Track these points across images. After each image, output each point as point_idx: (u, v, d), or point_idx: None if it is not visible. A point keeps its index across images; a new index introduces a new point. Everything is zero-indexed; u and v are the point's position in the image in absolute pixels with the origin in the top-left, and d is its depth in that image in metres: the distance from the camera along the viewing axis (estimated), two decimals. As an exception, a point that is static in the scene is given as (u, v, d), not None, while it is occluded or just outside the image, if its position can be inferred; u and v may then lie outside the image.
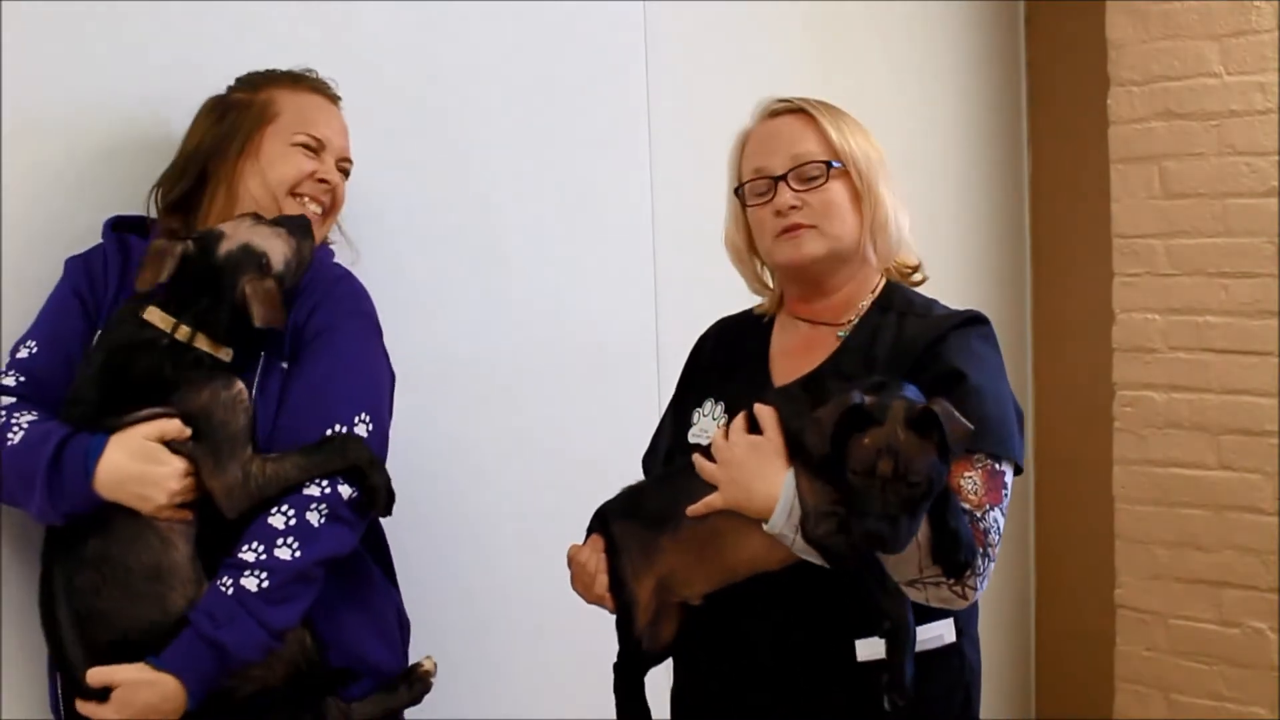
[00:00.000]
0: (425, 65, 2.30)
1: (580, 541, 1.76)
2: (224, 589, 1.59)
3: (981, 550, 1.54)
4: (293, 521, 1.63)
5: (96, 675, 1.57)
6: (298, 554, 1.61)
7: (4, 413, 1.64)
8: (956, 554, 1.51)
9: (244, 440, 1.64)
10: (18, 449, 1.60)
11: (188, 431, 1.62)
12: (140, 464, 1.59)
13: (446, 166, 2.36)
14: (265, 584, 1.59)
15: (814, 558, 1.54)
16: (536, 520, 2.45)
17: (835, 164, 1.72)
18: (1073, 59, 3.59)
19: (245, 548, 1.61)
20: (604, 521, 1.73)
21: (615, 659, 1.72)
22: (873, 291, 1.78)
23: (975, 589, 1.55)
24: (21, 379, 1.67)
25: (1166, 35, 3.18)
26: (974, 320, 1.70)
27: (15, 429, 1.61)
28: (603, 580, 1.69)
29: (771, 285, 1.88)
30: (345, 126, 1.90)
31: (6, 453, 1.60)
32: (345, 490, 1.66)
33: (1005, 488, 1.59)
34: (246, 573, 1.59)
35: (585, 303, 2.59)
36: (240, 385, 1.67)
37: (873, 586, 1.50)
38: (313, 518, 1.64)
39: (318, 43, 2.09)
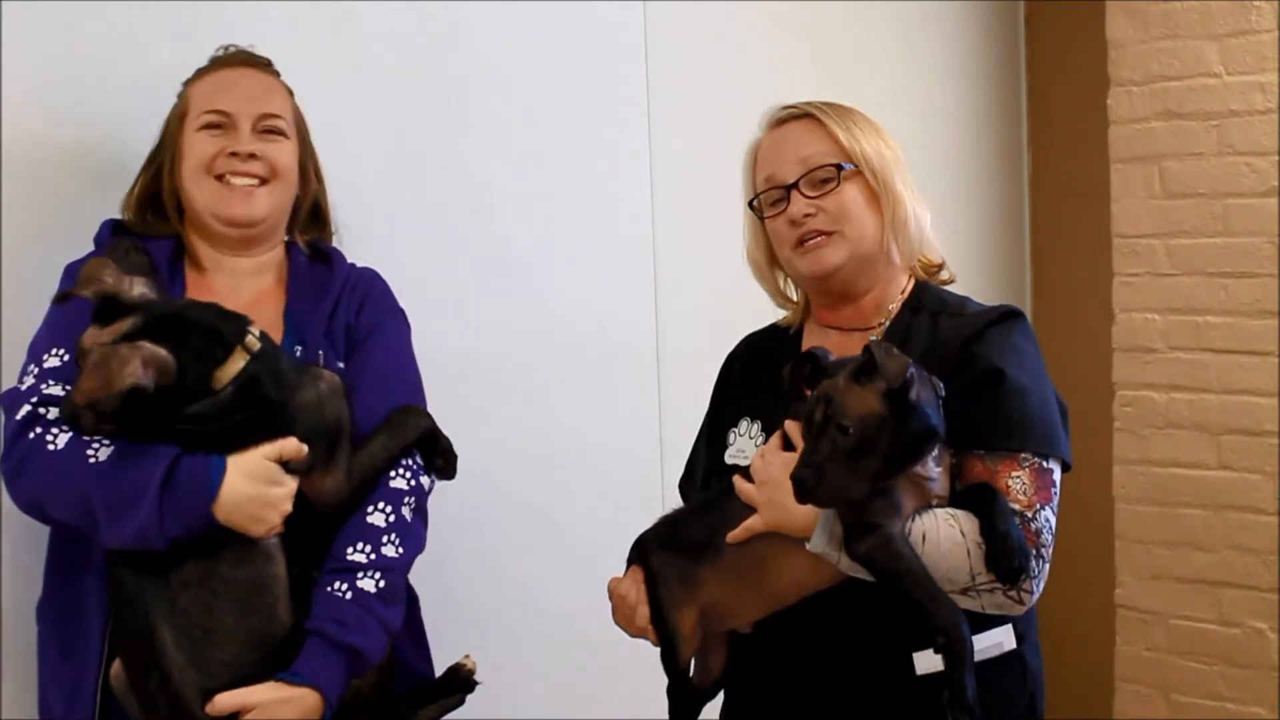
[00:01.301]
0: (425, 66, 2.31)
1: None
2: (340, 594, 1.55)
3: (1035, 551, 1.50)
4: (392, 518, 1.61)
5: (228, 700, 1.48)
6: (401, 551, 1.60)
7: (66, 428, 1.52)
8: (1010, 559, 1.46)
9: (350, 429, 1.62)
10: (107, 468, 1.49)
11: (304, 449, 1.55)
12: (260, 486, 1.52)
13: (446, 167, 2.36)
14: (381, 584, 1.57)
15: (862, 574, 1.49)
16: (537, 520, 2.45)
17: (847, 165, 1.66)
18: (1073, 59, 3.59)
19: (351, 549, 1.58)
20: (643, 552, 1.68)
21: (667, 690, 1.67)
22: (902, 293, 1.72)
23: (1031, 592, 1.51)
24: (67, 388, 1.53)
25: (1166, 35, 3.18)
26: (1010, 315, 1.65)
27: (95, 445, 1.51)
28: (644, 613, 1.63)
29: (795, 299, 1.82)
30: (263, 85, 1.77)
31: (91, 472, 1.49)
32: (426, 482, 1.67)
33: (1054, 485, 1.56)
34: (361, 575, 1.56)
35: (585, 303, 2.59)
36: (331, 375, 1.63)
37: (923, 600, 1.44)
38: (406, 513, 1.63)
39: (318, 44, 2.09)
